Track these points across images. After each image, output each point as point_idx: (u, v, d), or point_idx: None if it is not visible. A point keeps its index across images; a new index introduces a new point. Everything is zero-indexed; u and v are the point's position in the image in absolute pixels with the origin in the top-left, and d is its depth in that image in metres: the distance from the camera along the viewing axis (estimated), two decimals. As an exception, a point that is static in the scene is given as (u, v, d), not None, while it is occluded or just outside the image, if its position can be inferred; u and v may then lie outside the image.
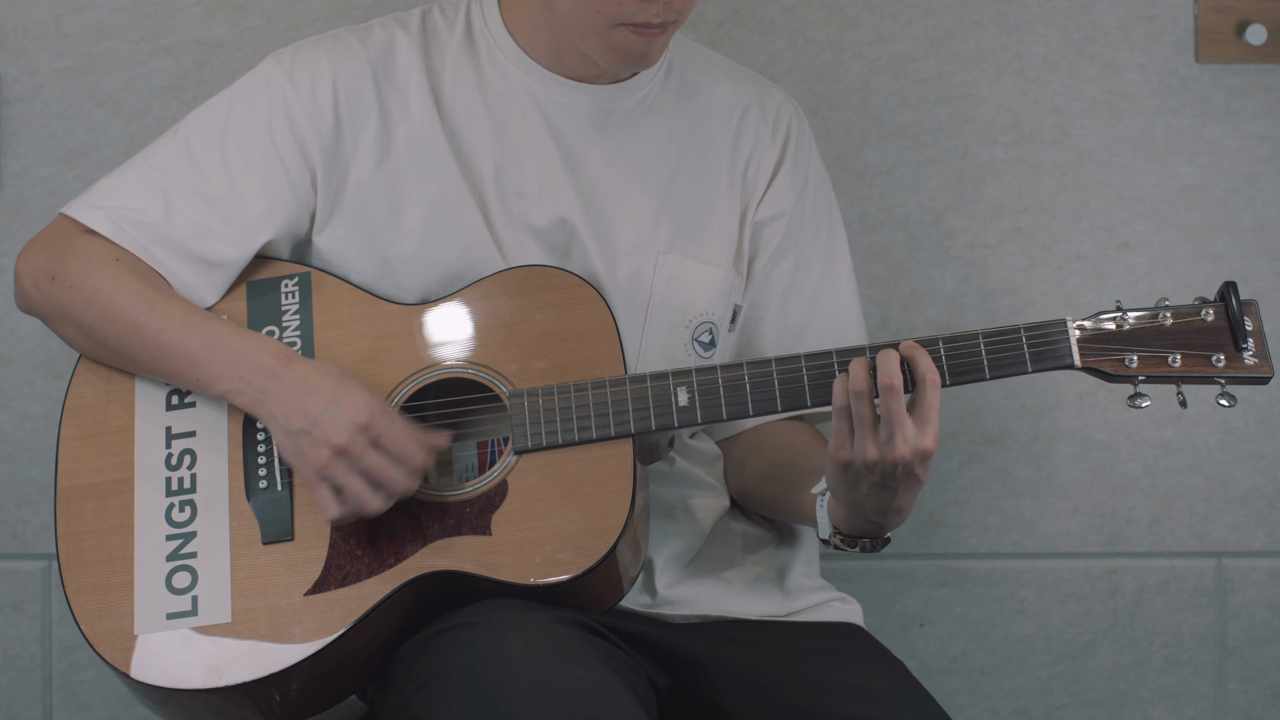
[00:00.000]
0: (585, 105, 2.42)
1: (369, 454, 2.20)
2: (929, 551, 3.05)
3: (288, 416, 2.22)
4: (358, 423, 2.20)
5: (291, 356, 2.26)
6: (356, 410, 2.20)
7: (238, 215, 2.35)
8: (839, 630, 2.44)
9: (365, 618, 2.22)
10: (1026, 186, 3.02)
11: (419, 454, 2.22)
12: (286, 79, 2.38)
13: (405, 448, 2.22)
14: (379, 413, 2.21)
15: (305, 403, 2.22)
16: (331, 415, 2.20)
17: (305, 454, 2.22)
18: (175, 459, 2.31)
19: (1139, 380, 2.20)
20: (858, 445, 2.15)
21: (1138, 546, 3.06)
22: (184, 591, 2.25)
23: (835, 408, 2.17)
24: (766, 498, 2.47)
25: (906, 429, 2.14)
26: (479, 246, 2.37)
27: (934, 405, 2.15)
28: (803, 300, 2.50)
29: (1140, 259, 3.02)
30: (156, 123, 2.94)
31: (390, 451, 2.21)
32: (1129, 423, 3.04)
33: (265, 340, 2.28)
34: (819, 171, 2.55)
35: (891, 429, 2.14)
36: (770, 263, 2.49)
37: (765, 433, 2.49)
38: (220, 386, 2.27)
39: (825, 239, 2.53)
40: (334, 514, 2.22)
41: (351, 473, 2.20)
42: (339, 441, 2.20)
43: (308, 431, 2.21)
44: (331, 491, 2.21)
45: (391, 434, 2.21)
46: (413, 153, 2.38)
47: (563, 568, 2.20)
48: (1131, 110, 3.02)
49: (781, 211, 2.49)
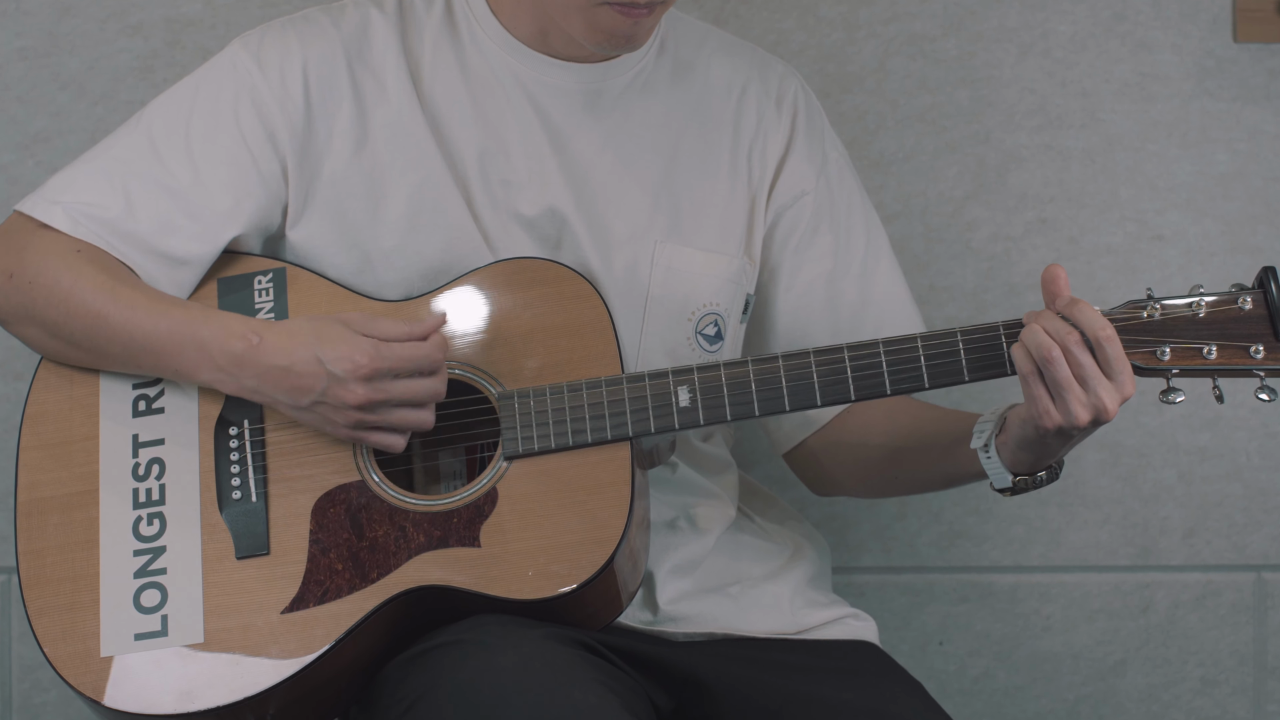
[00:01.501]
0: (573, 85, 2.42)
1: (392, 387, 2.23)
2: (949, 565, 3.05)
3: (292, 397, 2.24)
4: (361, 374, 2.22)
5: (260, 329, 2.26)
6: (354, 361, 2.22)
7: (203, 209, 2.35)
8: (853, 649, 2.44)
9: (347, 636, 2.22)
10: (1053, 175, 3.02)
11: (432, 351, 2.24)
12: (254, 63, 2.38)
13: (418, 358, 2.23)
14: (374, 349, 2.22)
15: (300, 377, 2.23)
16: (333, 378, 2.22)
17: (334, 420, 2.25)
18: (143, 469, 2.31)
19: (1172, 374, 2.20)
20: (1062, 410, 2.16)
21: (1172, 559, 3.06)
22: (153, 610, 2.25)
23: (1024, 375, 2.17)
24: (900, 473, 2.48)
25: (1104, 382, 2.15)
26: (464, 239, 2.38)
27: (1119, 354, 2.16)
28: (853, 278, 2.51)
29: (1174, 252, 3.02)
30: (123, 106, 2.94)
31: (408, 371, 2.23)
32: (1162, 427, 3.04)
33: (230, 319, 2.28)
34: (836, 143, 2.55)
35: (1094, 386, 2.15)
36: (803, 246, 2.49)
37: (859, 413, 2.49)
38: (202, 376, 2.28)
39: (860, 211, 2.54)
40: (400, 446, 2.26)
41: (387, 410, 2.24)
42: (357, 399, 2.22)
43: (321, 402, 2.23)
44: (381, 433, 2.25)
45: (397, 357, 2.23)
46: (391, 140, 2.39)
47: (557, 581, 2.20)
48: (1165, 93, 3.01)
49: (804, 190, 2.49)
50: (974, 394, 2.81)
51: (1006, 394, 2.37)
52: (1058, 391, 2.15)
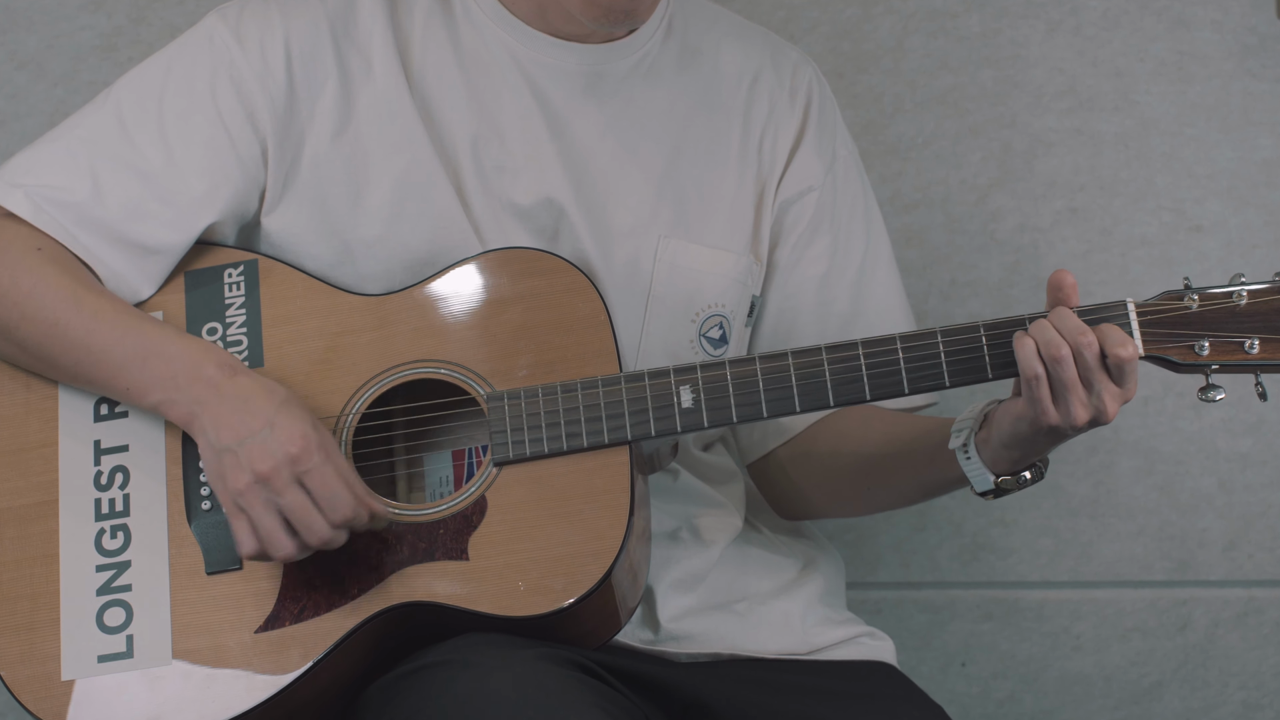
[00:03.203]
0: (574, 67, 2.42)
1: (290, 490, 2.19)
2: (972, 580, 3.05)
3: (218, 431, 2.22)
4: (289, 452, 2.19)
5: (237, 368, 2.25)
6: (291, 439, 2.19)
7: (176, 194, 2.34)
8: (868, 670, 2.44)
9: (326, 657, 2.21)
10: (1084, 161, 3.02)
11: (347, 504, 2.20)
12: (232, 37, 2.38)
13: (333, 492, 2.20)
14: (315, 447, 2.20)
15: (240, 420, 2.21)
16: (263, 439, 2.19)
17: (225, 476, 2.21)
18: (105, 478, 2.30)
19: (1211, 369, 2.20)
20: (1063, 411, 2.18)
21: (1211, 574, 3.06)
22: (117, 630, 2.25)
23: (1028, 376, 2.18)
24: (875, 483, 2.47)
25: (1110, 386, 2.17)
26: (452, 228, 2.37)
27: (1134, 367, 2.18)
28: (846, 285, 2.51)
29: (1214, 243, 3.02)
30: (85, 87, 2.95)
31: (315, 493, 2.19)
32: (1201, 431, 3.04)
33: (209, 347, 2.28)
34: (847, 140, 2.56)
35: (1099, 389, 2.17)
36: (801, 244, 2.50)
37: (835, 421, 2.49)
38: (153, 397, 2.27)
39: (862, 214, 2.54)
40: (245, 551, 2.21)
41: (268, 507, 2.19)
42: (262, 468, 2.19)
43: (234, 451, 2.20)
44: (249, 525, 2.21)
45: (321, 474, 2.19)
46: (376, 121, 2.38)
47: (551, 597, 2.20)
48: (1204, 73, 3.01)
49: (810, 186, 2.50)
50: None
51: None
52: (1060, 391, 2.17)
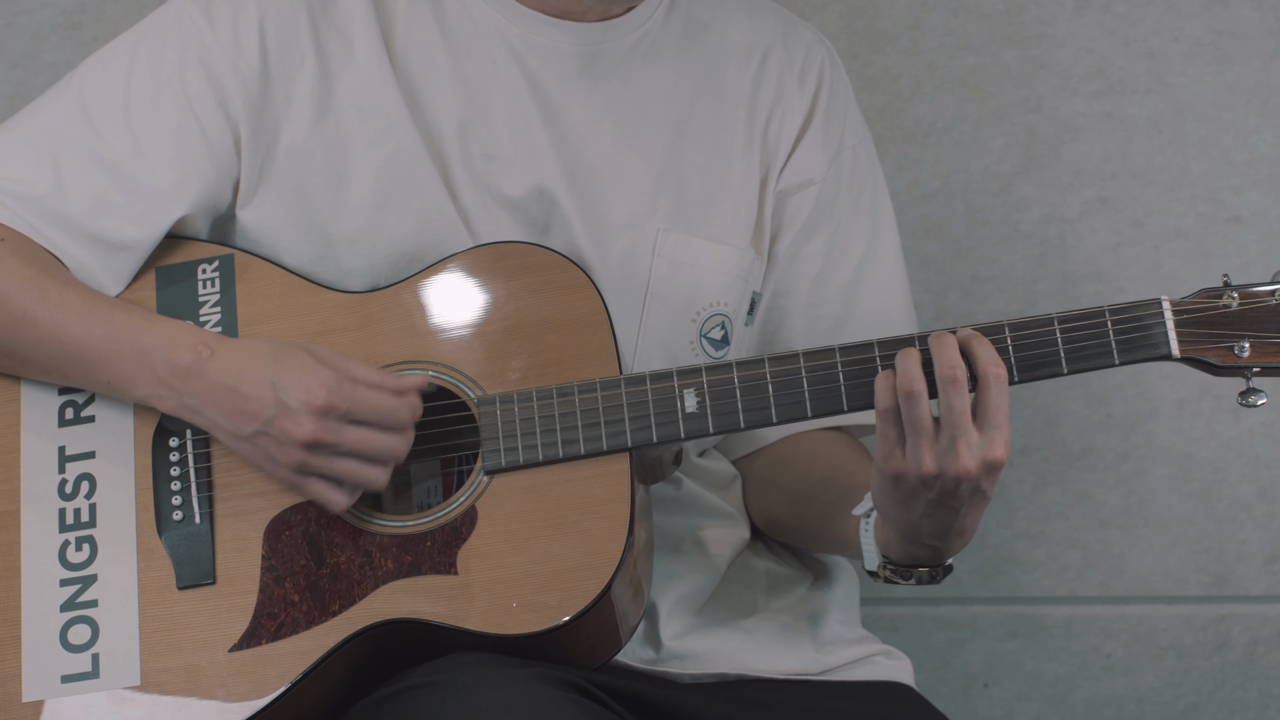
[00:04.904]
0: (569, 47, 2.42)
1: (346, 432, 2.21)
2: (994, 595, 3.05)
3: (234, 422, 2.23)
4: (316, 407, 2.20)
5: (212, 343, 2.25)
6: (309, 392, 2.20)
7: (144, 186, 2.34)
8: (884, 691, 2.44)
9: (305, 677, 2.21)
10: (1114, 147, 3.02)
11: (400, 409, 2.23)
12: (203, 17, 2.38)
13: (382, 410, 2.22)
14: (335, 384, 2.21)
15: (247, 399, 2.22)
16: (283, 407, 2.20)
17: (274, 457, 2.23)
18: (70, 486, 2.30)
19: (1252, 372, 2.20)
20: (910, 455, 2.14)
21: (1251, 589, 3.06)
22: (82, 649, 2.25)
23: (880, 410, 2.16)
24: (799, 524, 2.47)
25: (971, 435, 2.13)
26: (439, 221, 2.37)
27: (1001, 406, 2.15)
28: (839, 288, 2.50)
29: (1253, 235, 3.02)
30: (47, 69, 2.95)
31: (369, 421, 2.22)
32: (1240, 437, 3.04)
33: (179, 328, 2.28)
34: (858, 128, 2.55)
35: (954, 434, 2.13)
36: (798, 241, 2.49)
37: (794, 446, 2.49)
38: (138, 391, 2.27)
39: (867, 212, 2.53)
40: (341, 504, 2.23)
41: (335, 458, 2.21)
42: (304, 435, 2.20)
43: (264, 433, 2.22)
44: (325, 483, 2.23)
45: (360, 401, 2.21)
46: (358, 107, 2.38)
47: (545, 614, 2.20)
48: (1243, 53, 3.01)
49: (811, 179, 2.49)
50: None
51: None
52: (911, 431, 2.13)
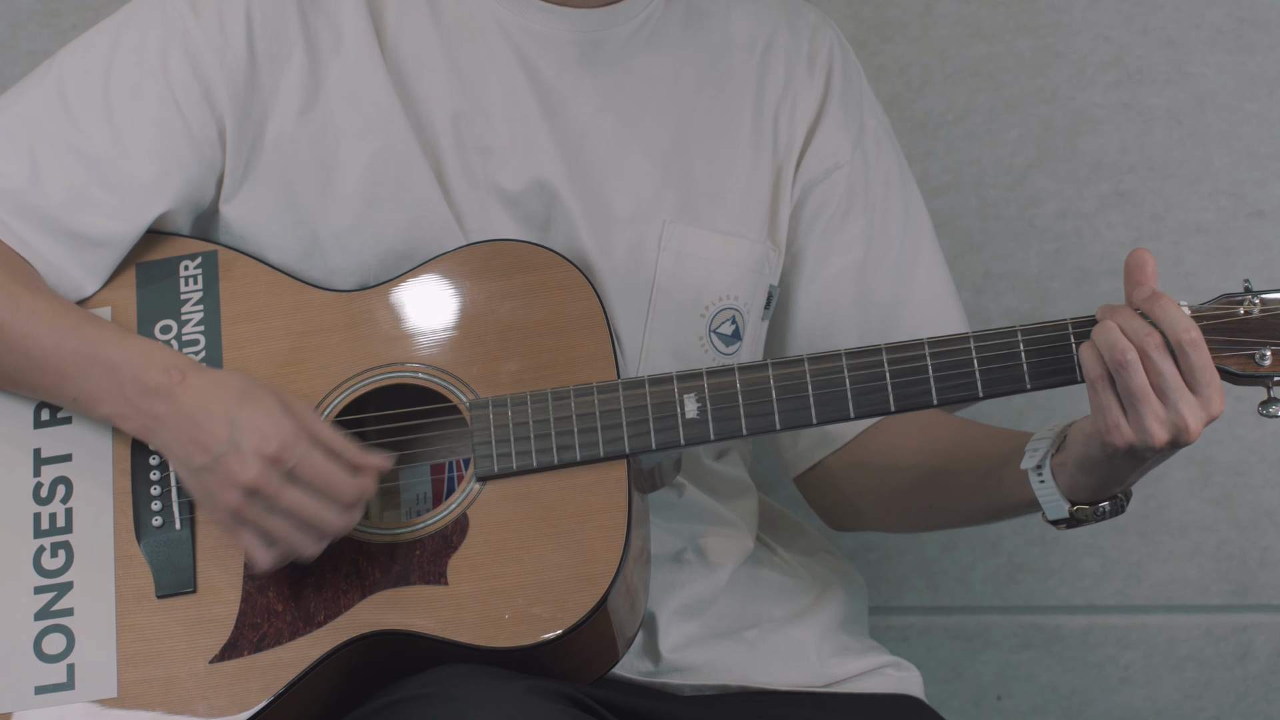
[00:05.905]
0: (567, 35, 2.41)
1: (286, 491, 2.18)
2: (1008, 604, 3.05)
3: (186, 450, 2.21)
4: (265, 454, 2.18)
5: (186, 368, 2.24)
6: (263, 438, 2.18)
7: (124, 180, 2.34)
8: (893, 704, 2.44)
9: (288, 691, 2.21)
10: (1132, 139, 3.02)
11: (348, 485, 2.20)
12: (187, 5, 2.37)
13: (330, 479, 2.19)
14: (291, 438, 2.19)
15: (203, 431, 2.20)
16: (234, 446, 2.19)
17: (213, 495, 2.21)
18: (46, 490, 2.30)
19: (1273, 382, 2.19)
20: (1138, 426, 2.14)
21: (1275, 598, 3.06)
22: (57, 659, 2.24)
23: (1094, 381, 2.15)
24: (935, 503, 2.46)
25: (1188, 397, 2.14)
26: (431, 217, 2.37)
27: (1206, 364, 2.14)
28: (888, 271, 2.51)
29: (1277, 231, 3.02)
30: (24, 58, 2.95)
31: (312, 485, 2.19)
32: (1263, 440, 3.04)
33: (153, 348, 2.27)
34: (876, 109, 2.55)
35: (1175, 401, 2.14)
36: (831, 230, 2.49)
37: (890, 431, 2.49)
38: (103, 409, 2.26)
39: (900, 189, 2.54)
40: (264, 563, 2.21)
41: (271, 514, 2.19)
42: (247, 479, 2.18)
43: (211, 469, 2.20)
44: (257, 537, 2.20)
45: (310, 464, 2.19)
46: (348, 98, 2.38)
47: (538, 626, 2.19)
48: (1266, 42, 3.01)
49: (837, 163, 2.49)
50: (1039, 403, 2.79)
51: (1077, 407, 2.36)
52: (1131, 404, 2.14)
